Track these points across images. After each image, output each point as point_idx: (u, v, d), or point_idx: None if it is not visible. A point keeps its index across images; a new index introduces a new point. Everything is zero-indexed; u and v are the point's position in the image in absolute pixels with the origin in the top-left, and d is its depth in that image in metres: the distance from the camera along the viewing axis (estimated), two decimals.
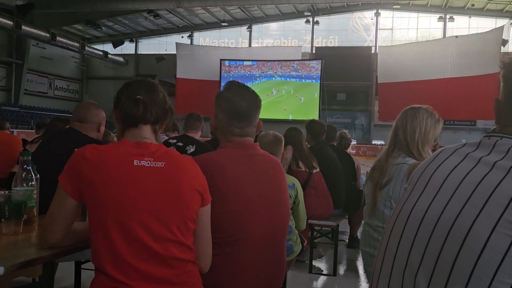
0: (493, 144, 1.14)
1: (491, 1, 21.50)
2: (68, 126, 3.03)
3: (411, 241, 1.13)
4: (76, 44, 23.29)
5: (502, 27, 20.63)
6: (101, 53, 25.42)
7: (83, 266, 3.19)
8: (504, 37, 20.38)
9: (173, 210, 1.46)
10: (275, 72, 24.64)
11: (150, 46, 28.75)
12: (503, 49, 20.35)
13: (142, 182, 1.45)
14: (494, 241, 0.99)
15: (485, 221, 1.01)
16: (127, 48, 28.25)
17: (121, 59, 27.23)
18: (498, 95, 1.23)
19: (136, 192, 1.43)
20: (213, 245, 1.62)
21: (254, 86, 23.43)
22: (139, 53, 28.95)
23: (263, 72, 24.77)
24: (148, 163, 1.48)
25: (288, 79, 24.47)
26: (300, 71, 24.26)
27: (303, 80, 24.19)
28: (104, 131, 2.96)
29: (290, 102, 24.37)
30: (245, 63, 25.11)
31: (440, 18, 24.04)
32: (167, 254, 1.43)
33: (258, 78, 24.72)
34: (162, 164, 1.49)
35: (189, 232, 1.50)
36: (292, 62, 24.40)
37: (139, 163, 1.47)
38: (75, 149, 1.85)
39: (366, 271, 2.61)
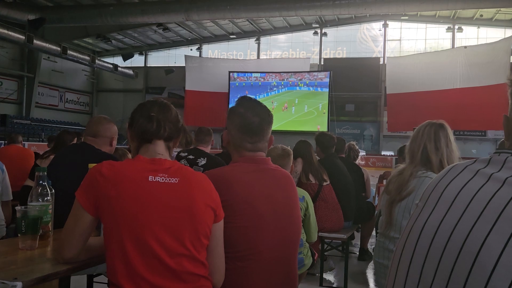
0: (504, 161, 1.16)
1: (499, 11, 21.46)
2: (80, 140, 3.07)
3: (423, 257, 1.14)
4: (86, 57, 23.57)
5: (511, 37, 20.58)
6: (111, 66, 25.69)
7: (95, 279, 3.21)
8: None
9: (187, 225, 1.49)
10: (283, 82, 24.74)
11: (159, 58, 29.03)
12: None
13: (156, 198, 1.48)
14: (506, 257, 1.00)
15: (497, 238, 1.02)
16: (137, 61, 28.54)
17: (130, 71, 27.49)
18: (508, 105, 1.24)
19: (151, 207, 1.46)
20: (226, 259, 1.64)
21: (266, 99, 23.57)
22: (148, 65, 29.23)
23: (278, 81, 24.87)
24: (163, 179, 1.51)
25: (296, 88, 24.54)
26: (308, 82, 24.34)
27: (311, 88, 24.25)
28: (121, 151, 2.99)
29: (298, 113, 24.41)
30: (254, 75, 25.26)
31: (448, 29, 24.02)
32: (181, 269, 1.45)
33: (273, 88, 24.82)
34: (176, 180, 1.52)
35: (203, 248, 1.52)
36: (300, 73, 24.50)
37: (154, 179, 1.50)
38: (89, 164, 1.91)
39: (378, 283, 2.60)
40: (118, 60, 27.42)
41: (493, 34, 23.01)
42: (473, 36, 23.85)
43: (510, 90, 1.21)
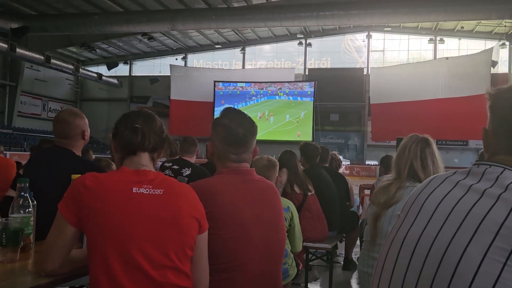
0: (483, 172, 1.18)
1: (480, 24, 21.91)
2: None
3: (405, 267, 1.16)
4: (70, 66, 23.38)
5: (491, 49, 21.03)
6: (95, 75, 25.51)
7: None
8: (493, 58, 20.74)
9: (171, 237, 1.48)
10: (267, 91, 24.85)
11: (144, 68, 28.92)
12: (492, 70, 20.70)
13: (141, 209, 1.47)
14: (485, 267, 1.02)
15: (476, 248, 1.04)
16: (121, 70, 28.39)
17: (115, 81, 27.33)
18: (487, 117, 1.28)
19: (135, 219, 1.46)
20: (210, 271, 1.63)
21: (247, 107, 23.59)
22: (133, 75, 29.09)
23: (257, 90, 24.98)
24: (147, 190, 1.50)
25: (276, 97, 24.66)
26: (288, 91, 24.50)
27: (292, 98, 24.39)
28: (106, 162, 2.90)
29: (282, 122, 24.50)
30: (239, 84, 25.32)
31: (430, 40, 24.42)
32: (165, 281, 1.45)
33: (252, 97, 24.92)
34: (160, 192, 1.52)
35: (187, 259, 1.52)
36: (285, 83, 24.63)
37: (138, 190, 1.50)
38: (72, 175, 1.89)
39: None
40: (102, 69, 27.24)
41: (474, 46, 23.45)
42: (455, 47, 24.27)
43: (489, 103, 1.25)
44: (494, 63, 20.77)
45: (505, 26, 21.21)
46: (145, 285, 1.42)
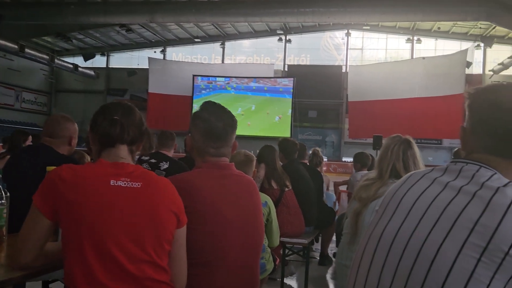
0: (459, 170, 1.21)
1: (456, 25, 22.30)
2: (37, 141, 2.97)
3: (382, 262, 1.17)
4: (45, 56, 22.84)
5: (466, 50, 21.43)
6: (71, 66, 24.99)
7: (51, 285, 3.11)
8: (468, 59, 21.15)
9: (149, 231, 1.47)
10: (245, 86, 24.81)
11: (121, 60, 28.48)
12: (467, 71, 21.10)
13: (118, 202, 1.45)
14: (460, 263, 1.04)
15: (452, 244, 1.07)
16: (98, 61, 27.91)
17: (91, 72, 26.85)
18: (462, 115, 1.30)
19: (113, 212, 1.44)
20: (188, 266, 1.62)
21: (222, 98, 23.48)
22: (110, 66, 28.62)
23: (234, 85, 24.91)
24: (125, 183, 1.48)
25: (260, 94, 24.65)
26: (267, 88, 24.51)
27: (273, 95, 24.41)
28: (79, 154, 2.90)
29: (261, 118, 24.50)
30: (218, 79, 25.21)
31: (408, 40, 24.77)
32: (142, 275, 1.43)
33: (231, 92, 24.84)
34: (138, 185, 1.50)
35: (165, 254, 1.51)
36: (264, 79, 24.62)
37: (116, 183, 1.47)
38: (47, 167, 1.85)
39: (339, 286, 2.65)
40: (78, 60, 26.71)
41: (450, 46, 23.85)
42: (431, 47, 24.64)
43: (467, 102, 1.27)
44: (469, 64, 21.17)
45: (480, 28, 21.62)
46: (121, 278, 1.40)
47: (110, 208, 1.44)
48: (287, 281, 4.59)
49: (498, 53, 22.99)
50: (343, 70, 25.28)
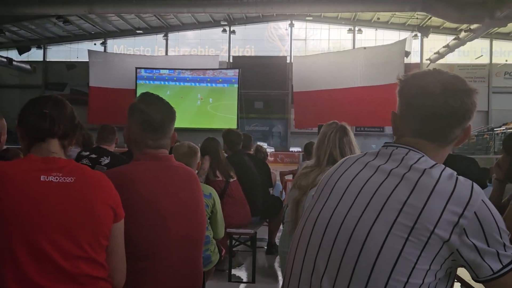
0: (390, 153, 1.25)
1: (394, 15, 23.06)
2: None
3: (317, 246, 1.20)
4: None
5: (405, 40, 22.23)
6: (5, 60, 23.69)
7: None
8: (407, 49, 21.97)
9: (84, 226, 1.43)
10: (190, 78, 24.56)
11: (60, 53, 27.31)
12: (406, 60, 21.91)
13: (50, 198, 1.40)
14: (389, 243, 1.08)
15: (381, 225, 1.11)
16: (35, 55, 26.58)
17: (28, 66, 25.60)
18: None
19: (44, 208, 1.39)
20: (128, 260, 1.59)
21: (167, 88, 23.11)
22: (48, 60, 27.39)
23: (181, 76, 24.60)
24: (57, 179, 1.43)
25: (205, 84, 24.46)
26: (210, 79, 24.38)
27: (217, 85, 24.31)
28: (14, 151, 2.75)
29: (206, 109, 24.36)
30: (162, 71, 24.76)
31: (349, 30, 25.34)
32: (78, 272, 1.39)
33: (171, 82, 24.52)
34: (71, 180, 1.45)
35: (101, 249, 1.47)
36: (209, 70, 24.45)
37: (47, 178, 1.42)
38: None
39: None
40: (13, 54, 25.33)
41: (389, 36, 24.63)
42: (372, 37, 25.37)
43: (398, 88, 1.32)
44: (407, 53, 21.97)
45: (417, 18, 22.46)
46: (56, 276, 1.36)
47: (40, 204, 1.38)
48: (235, 271, 4.61)
49: (434, 43, 24.05)
50: (288, 61, 25.54)
